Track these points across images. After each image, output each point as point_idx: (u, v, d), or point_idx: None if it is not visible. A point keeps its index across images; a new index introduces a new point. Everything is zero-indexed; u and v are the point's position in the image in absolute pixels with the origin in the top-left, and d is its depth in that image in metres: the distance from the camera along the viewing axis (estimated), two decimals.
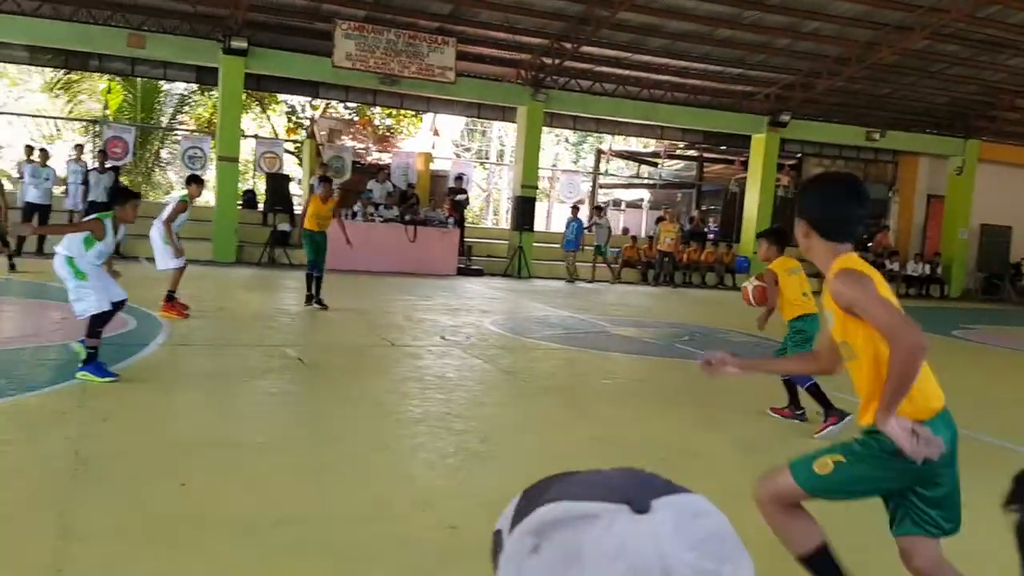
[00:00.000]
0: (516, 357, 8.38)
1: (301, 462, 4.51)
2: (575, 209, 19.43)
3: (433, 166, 21.45)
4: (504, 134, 33.34)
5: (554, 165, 32.44)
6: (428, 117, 27.63)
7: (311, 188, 18.02)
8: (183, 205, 9.02)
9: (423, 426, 5.41)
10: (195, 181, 9.68)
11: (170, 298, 8.79)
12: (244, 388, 6.16)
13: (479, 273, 17.68)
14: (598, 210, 20.36)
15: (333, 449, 4.82)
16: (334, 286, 11.22)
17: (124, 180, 23.71)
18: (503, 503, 0.74)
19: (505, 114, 20.14)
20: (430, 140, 27.39)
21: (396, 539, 3.54)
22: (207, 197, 21.22)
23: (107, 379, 5.73)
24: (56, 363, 6.49)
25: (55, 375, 6.09)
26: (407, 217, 17.07)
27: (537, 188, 20.81)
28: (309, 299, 10.38)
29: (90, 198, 14.48)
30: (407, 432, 5.28)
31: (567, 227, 18.72)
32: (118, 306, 6.10)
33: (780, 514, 2.67)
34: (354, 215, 16.82)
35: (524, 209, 18.82)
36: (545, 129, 20.25)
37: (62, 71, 22.63)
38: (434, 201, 19.52)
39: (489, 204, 34.57)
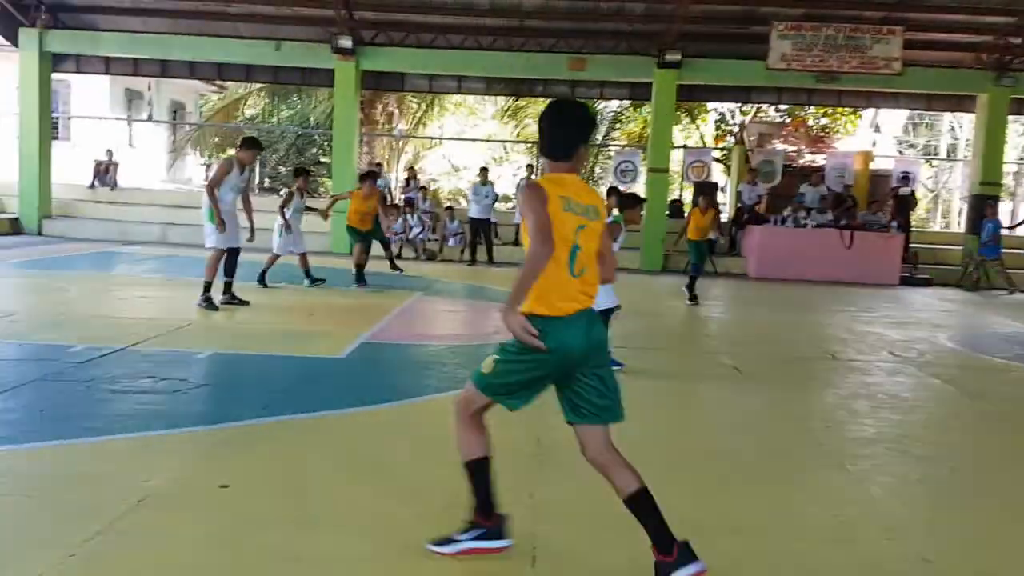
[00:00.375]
0: (984, 379, 7.32)
1: (748, 473, 4.39)
2: (989, 208, 16.01)
3: (873, 165, 19.82)
4: (958, 126, 29.72)
5: (1022, 159, 28.07)
6: (868, 113, 25.71)
7: (739, 195, 17.93)
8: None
9: (879, 447, 4.94)
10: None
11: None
12: (683, 393, 6.22)
13: (927, 283, 15.89)
14: None
15: (780, 463, 4.62)
16: (765, 295, 10.90)
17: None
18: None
19: (960, 103, 17.91)
20: (870, 138, 25.43)
21: (868, 567, 3.24)
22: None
23: None
24: None
25: None
26: (843, 222, 16.01)
27: (1001, 185, 18.12)
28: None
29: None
30: (862, 452, 4.86)
31: (983, 229, 15.65)
32: None
33: (461, 420, 3.19)
34: (783, 220, 16.26)
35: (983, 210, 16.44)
36: (1011, 118, 17.57)
37: (511, 98, 25.36)
38: (874, 204, 18.03)
39: (938, 205, 31.01)
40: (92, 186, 18.72)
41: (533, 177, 17.49)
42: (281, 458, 4.23)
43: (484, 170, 16.59)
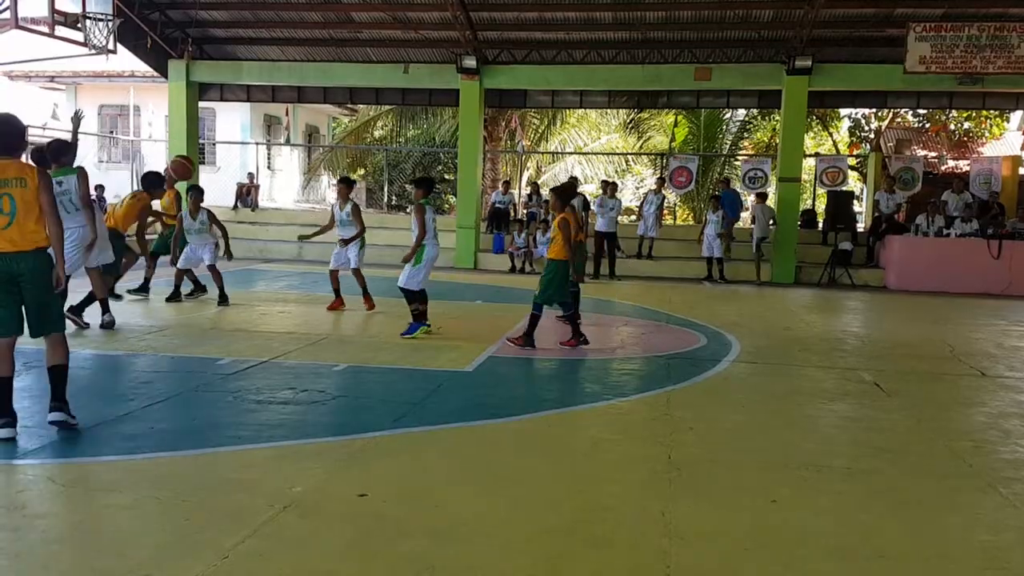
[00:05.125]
0: None
1: (892, 495, 4.18)
2: None
3: (1023, 170, 18.59)
4: None
5: None
6: (1016, 116, 24.12)
7: (876, 203, 17.15)
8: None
9: None
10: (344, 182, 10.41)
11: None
12: (821, 410, 6.00)
13: None
14: None
15: (926, 484, 4.38)
16: (906, 308, 10.37)
17: (684, 208, 25.52)
18: None
19: None
20: (1019, 141, 23.82)
21: None
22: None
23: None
24: (640, 373, 7.13)
25: (640, 384, 6.69)
26: (989, 231, 15.04)
27: None
28: None
29: None
30: (1016, 475, 4.54)
31: None
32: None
33: None
34: (917, 229, 15.43)
35: None
36: None
37: (634, 111, 25.20)
38: (1023, 211, 16.88)
39: None
40: (235, 207, 19.84)
41: (663, 191, 17.26)
42: (415, 468, 4.34)
43: (612, 184, 16.56)
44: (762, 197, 16.49)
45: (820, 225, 18.18)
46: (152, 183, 9.92)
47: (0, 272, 4.43)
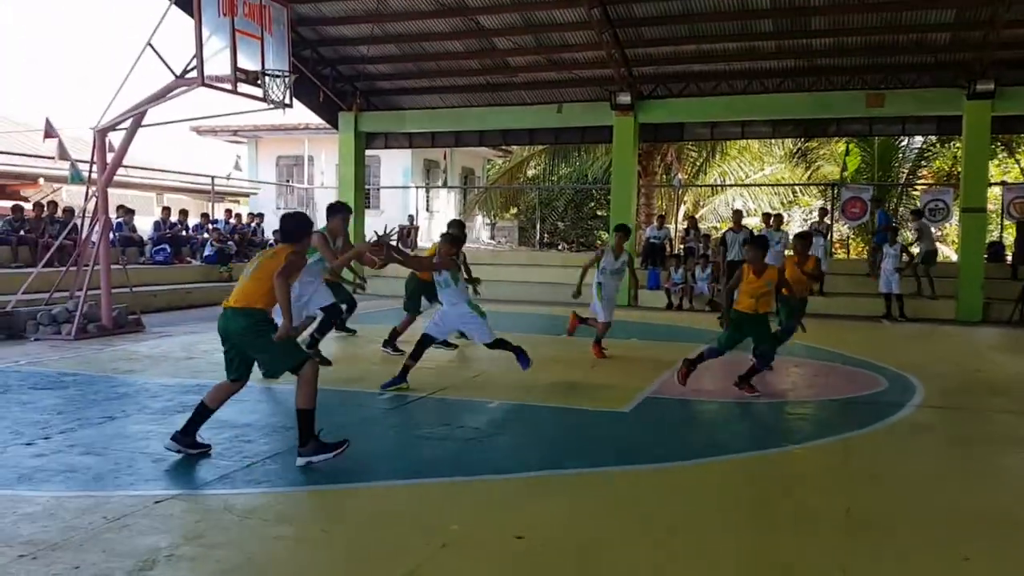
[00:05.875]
0: None
1: None
2: None
3: None
4: None
5: None
6: None
7: None
8: None
9: None
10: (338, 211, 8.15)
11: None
12: (1018, 459, 5.39)
13: None
14: None
15: None
16: None
17: (858, 242, 24.13)
18: None
19: None
20: None
21: None
22: (946, 252, 20.04)
23: None
24: (815, 419, 6.69)
25: (815, 430, 6.27)
26: None
27: None
28: None
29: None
30: None
31: None
32: None
33: None
34: None
35: None
36: None
37: (801, 139, 24.24)
38: None
39: None
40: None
41: (827, 220, 16.48)
42: (573, 512, 4.21)
43: (778, 216, 15.97)
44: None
45: (1009, 259, 16.70)
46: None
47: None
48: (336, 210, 8.05)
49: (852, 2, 13.56)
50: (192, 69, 9.82)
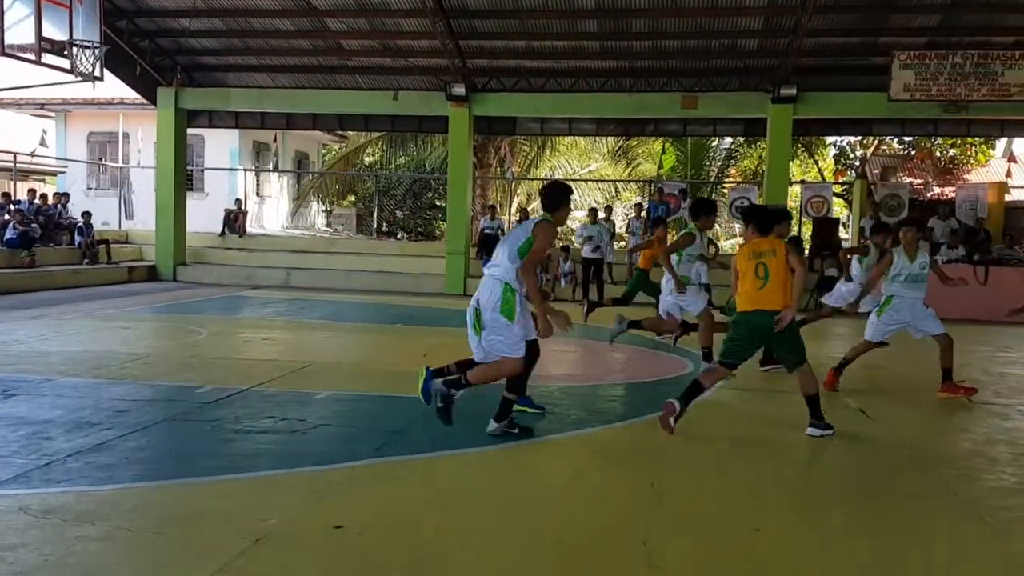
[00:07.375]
0: None
1: (876, 522, 4.14)
2: None
3: (1008, 197, 18.78)
4: None
5: None
6: (1001, 143, 24.36)
7: (861, 231, 17.23)
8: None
9: (1022, 498, 4.58)
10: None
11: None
12: (807, 439, 5.96)
13: None
14: None
15: (910, 512, 4.34)
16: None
17: (675, 234, 25.59)
18: None
19: None
20: (1004, 168, 24.06)
21: None
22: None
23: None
24: (625, 400, 7.09)
25: (626, 411, 6.64)
26: (976, 256, 15.13)
27: None
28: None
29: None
30: (1003, 503, 4.51)
31: None
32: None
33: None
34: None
35: None
36: None
37: (622, 138, 25.34)
38: (1009, 237, 17.02)
39: None
40: (222, 233, 19.81)
41: (641, 216, 17.37)
42: (393, 499, 4.27)
43: (594, 211, 16.62)
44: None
45: (806, 252, 18.25)
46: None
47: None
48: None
49: (670, 5, 14.33)
50: None
